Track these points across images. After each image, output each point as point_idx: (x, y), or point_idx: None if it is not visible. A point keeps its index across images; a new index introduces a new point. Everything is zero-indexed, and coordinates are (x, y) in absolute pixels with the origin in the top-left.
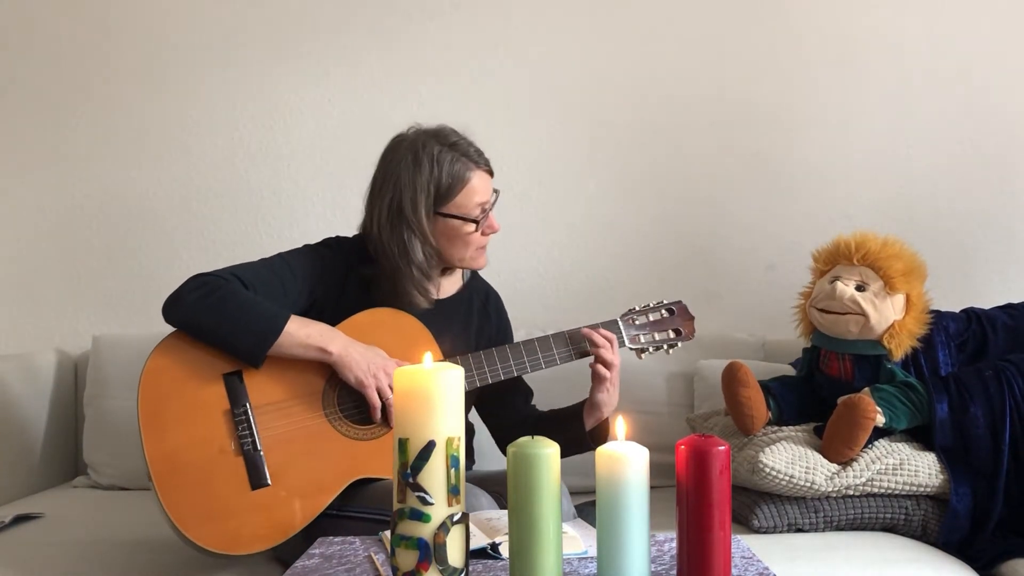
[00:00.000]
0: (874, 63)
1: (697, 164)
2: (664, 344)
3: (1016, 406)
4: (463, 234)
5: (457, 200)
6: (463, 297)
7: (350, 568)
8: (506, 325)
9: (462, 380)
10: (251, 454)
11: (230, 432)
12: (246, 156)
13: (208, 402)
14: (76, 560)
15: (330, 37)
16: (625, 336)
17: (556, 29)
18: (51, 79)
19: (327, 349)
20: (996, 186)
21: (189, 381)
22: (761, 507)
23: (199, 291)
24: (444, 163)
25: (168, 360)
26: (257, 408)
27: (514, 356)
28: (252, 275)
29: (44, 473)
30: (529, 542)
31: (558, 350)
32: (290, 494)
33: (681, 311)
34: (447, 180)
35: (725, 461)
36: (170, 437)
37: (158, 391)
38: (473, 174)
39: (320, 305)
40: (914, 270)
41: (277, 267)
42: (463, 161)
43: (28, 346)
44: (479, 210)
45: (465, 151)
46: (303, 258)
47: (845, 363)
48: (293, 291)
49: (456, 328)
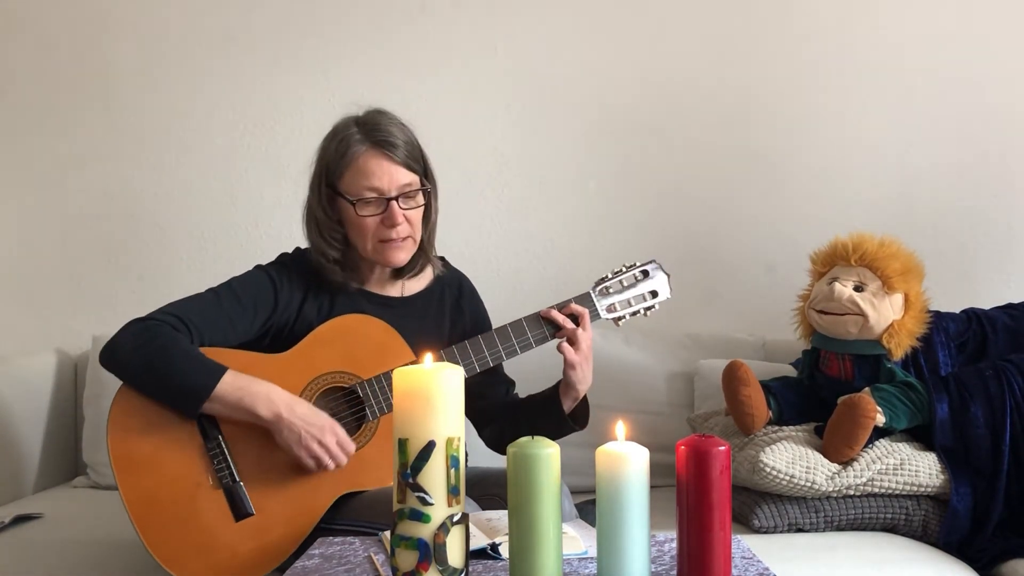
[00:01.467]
0: (874, 63)
1: (697, 164)
2: (641, 308)
3: (1016, 406)
4: (354, 218)
5: (345, 178)
6: (433, 292)
7: (350, 568)
8: (482, 316)
9: (462, 380)
10: (230, 486)
11: (206, 467)
12: (246, 156)
13: (179, 438)
14: (76, 560)
15: (330, 37)
16: (600, 307)
17: (556, 29)
18: (51, 79)
19: (257, 413)
20: (996, 186)
21: (158, 419)
22: (761, 507)
23: (134, 340)
24: (339, 139)
25: (134, 399)
26: (231, 438)
27: (488, 346)
28: (195, 316)
29: (44, 473)
30: (529, 542)
31: (532, 332)
32: (277, 520)
33: (655, 270)
34: (336, 156)
35: (725, 461)
36: (146, 478)
37: (127, 432)
38: (364, 154)
39: (278, 329)
40: (911, 269)
41: (224, 300)
42: (359, 139)
43: (28, 346)
44: (370, 194)
45: (370, 131)
46: (252, 285)
47: (845, 363)
48: (243, 324)
49: (428, 325)
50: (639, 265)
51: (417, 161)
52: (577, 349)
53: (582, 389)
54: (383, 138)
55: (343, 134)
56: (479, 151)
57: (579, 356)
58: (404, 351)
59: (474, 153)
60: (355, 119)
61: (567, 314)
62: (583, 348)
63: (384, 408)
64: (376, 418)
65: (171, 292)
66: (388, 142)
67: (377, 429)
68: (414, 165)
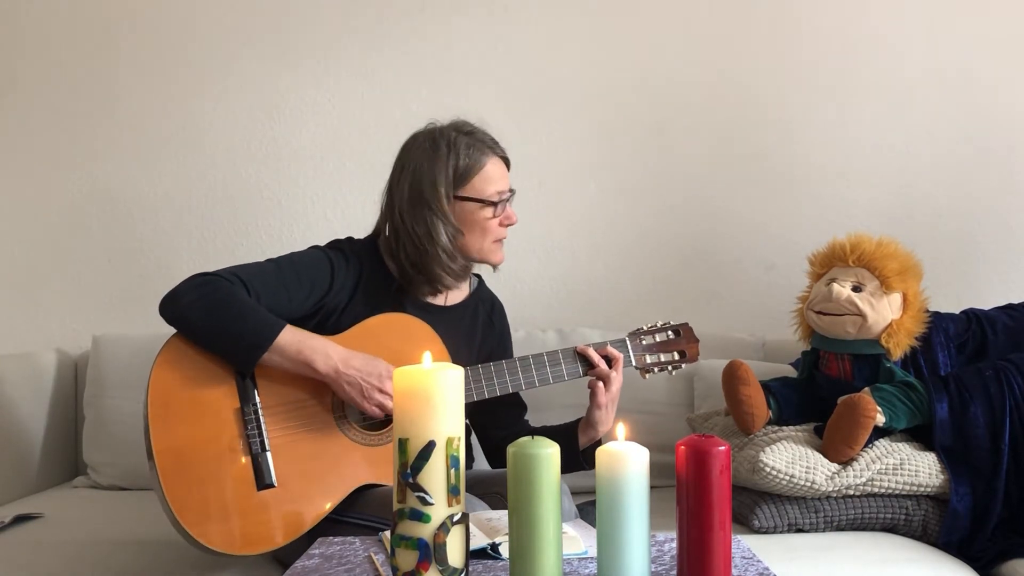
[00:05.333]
0: (874, 63)
1: (697, 164)
2: (669, 365)
3: (1016, 406)
4: (480, 219)
5: (474, 183)
6: (469, 305)
7: (350, 568)
8: (507, 337)
9: (462, 380)
10: (258, 454)
11: (239, 431)
12: (246, 156)
13: (218, 399)
14: (76, 560)
15: (330, 37)
16: (632, 356)
17: (557, 30)
18: (51, 80)
19: (315, 367)
20: (996, 186)
21: (199, 376)
22: (761, 507)
23: (197, 291)
24: (460, 147)
25: (179, 354)
26: (267, 408)
27: (523, 370)
28: (256, 279)
29: (44, 473)
30: (529, 542)
31: (566, 365)
32: (295, 497)
33: (687, 333)
34: (464, 163)
35: (725, 461)
36: (178, 432)
37: (168, 385)
38: (489, 159)
39: (328, 311)
40: (909, 269)
41: (284, 271)
42: (479, 146)
43: (28, 346)
44: (496, 196)
45: (481, 138)
46: (312, 262)
47: (844, 363)
48: (298, 297)
49: (460, 337)
50: (672, 324)
51: None
52: (608, 390)
53: (602, 430)
54: (498, 145)
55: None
56: None
57: (607, 398)
58: (443, 356)
59: None
60: (455, 127)
61: (602, 355)
62: (613, 390)
63: None
64: None
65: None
66: (502, 148)
67: None
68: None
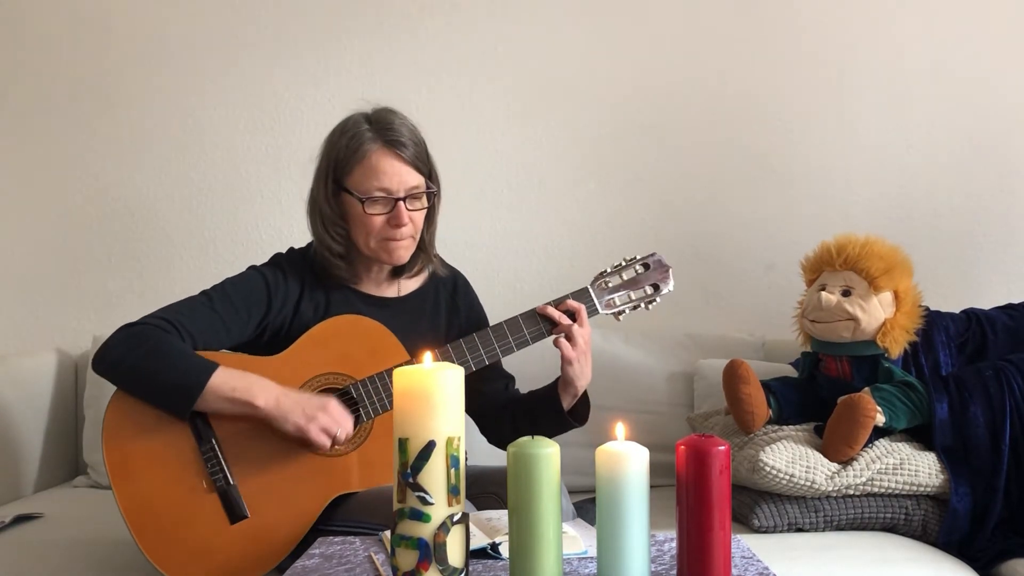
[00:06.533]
0: (874, 63)
1: (697, 164)
2: (641, 302)
3: (1016, 406)
4: (358, 215)
5: (355, 175)
6: (427, 292)
7: (350, 568)
8: (478, 312)
9: (462, 380)
10: (224, 489)
11: (200, 470)
12: (246, 156)
13: (174, 442)
14: (76, 560)
15: (330, 37)
16: (598, 303)
17: (556, 29)
18: (51, 80)
19: (254, 404)
20: (996, 186)
21: (150, 423)
22: (761, 507)
23: (123, 345)
24: (349, 134)
25: (126, 405)
26: (225, 440)
27: (484, 344)
28: (186, 319)
29: (44, 473)
30: (529, 542)
31: (528, 329)
32: (271, 523)
33: (656, 264)
34: (347, 151)
35: (725, 461)
36: (141, 485)
37: (121, 440)
38: (376, 152)
39: (274, 330)
40: (896, 266)
41: (217, 303)
42: (370, 136)
43: (28, 346)
44: (377, 192)
45: (381, 130)
46: (246, 287)
47: (843, 364)
48: (236, 326)
49: (424, 324)
50: (640, 258)
51: (424, 163)
52: (574, 345)
53: (580, 385)
54: (395, 137)
55: (354, 130)
56: (479, 151)
57: (576, 352)
58: (398, 351)
59: (474, 153)
60: (365, 116)
61: (563, 310)
62: (580, 344)
63: (378, 409)
64: (371, 419)
65: (171, 292)
66: (399, 142)
67: (372, 430)
68: (421, 167)
